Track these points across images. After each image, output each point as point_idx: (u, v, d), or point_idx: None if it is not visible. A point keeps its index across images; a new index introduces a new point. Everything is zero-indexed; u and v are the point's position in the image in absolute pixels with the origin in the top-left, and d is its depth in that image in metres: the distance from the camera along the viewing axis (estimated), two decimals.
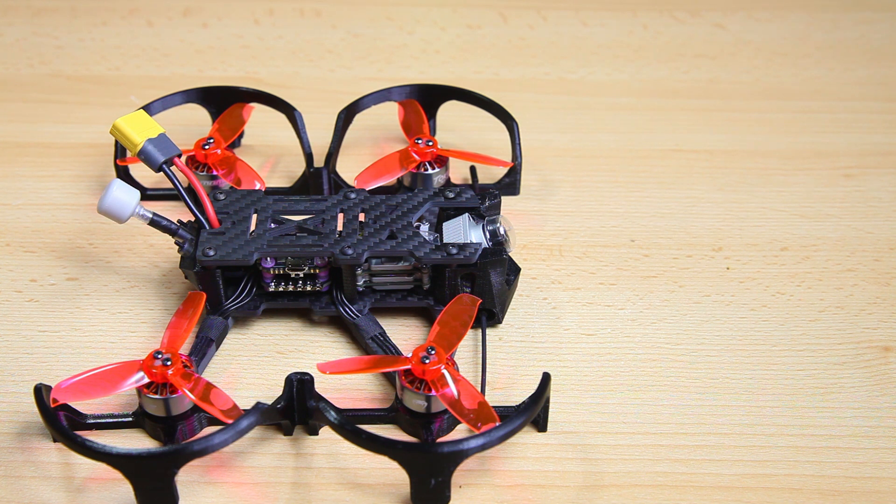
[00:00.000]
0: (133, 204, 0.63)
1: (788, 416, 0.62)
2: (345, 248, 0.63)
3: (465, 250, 0.63)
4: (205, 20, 0.94)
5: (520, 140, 0.74)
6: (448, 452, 0.55)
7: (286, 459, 0.59)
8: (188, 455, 0.54)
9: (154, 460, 0.54)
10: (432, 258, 0.63)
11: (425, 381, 0.59)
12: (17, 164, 0.78)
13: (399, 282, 0.66)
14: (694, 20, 0.95)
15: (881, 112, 0.85)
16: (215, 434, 0.54)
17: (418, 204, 0.66)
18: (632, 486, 0.58)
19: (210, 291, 0.64)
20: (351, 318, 0.65)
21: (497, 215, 0.66)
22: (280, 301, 0.66)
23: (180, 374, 0.59)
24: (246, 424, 0.55)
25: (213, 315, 0.65)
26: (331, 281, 0.65)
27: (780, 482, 0.59)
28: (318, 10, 0.95)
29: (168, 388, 0.59)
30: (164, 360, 0.59)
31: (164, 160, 0.65)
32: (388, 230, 0.64)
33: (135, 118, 0.66)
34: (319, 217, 0.65)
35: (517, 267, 0.67)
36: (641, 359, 0.65)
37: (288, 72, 0.88)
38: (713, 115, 0.84)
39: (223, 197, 0.66)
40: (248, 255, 0.63)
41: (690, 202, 0.76)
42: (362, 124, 0.78)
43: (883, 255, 0.72)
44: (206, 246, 0.63)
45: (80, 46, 0.90)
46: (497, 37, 0.93)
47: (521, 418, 0.55)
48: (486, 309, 0.66)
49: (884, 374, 0.64)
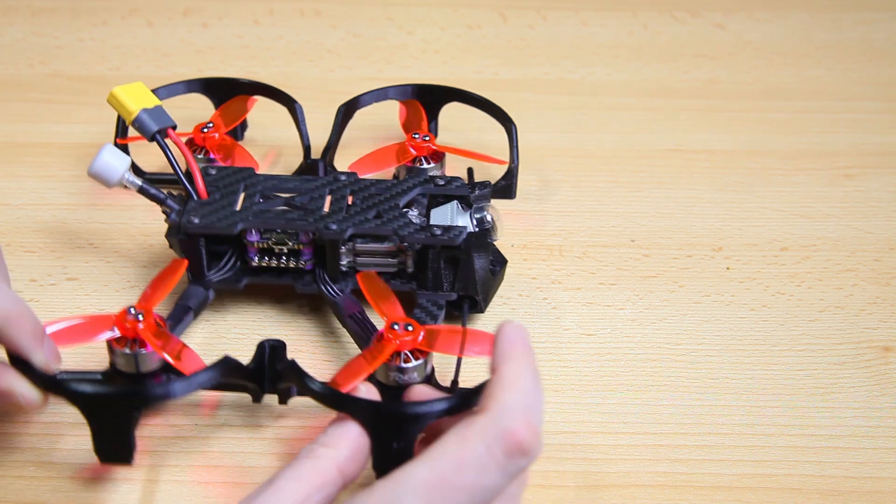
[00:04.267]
0: (122, 169, 0.63)
1: (788, 416, 0.62)
2: (329, 224, 0.63)
3: (450, 232, 0.63)
4: (205, 20, 0.93)
5: (518, 143, 0.74)
6: (411, 413, 0.53)
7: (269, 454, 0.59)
8: (149, 398, 0.53)
9: (113, 399, 0.53)
10: (416, 237, 0.63)
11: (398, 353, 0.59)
12: (17, 164, 0.78)
13: (383, 263, 0.65)
14: (694, 20, 0.95)
15: (881, 112, 0.85)
16: (178, 381, 0.53)
17: (407, 188, 0.66)
18: (632, 486, 0.58)
19: (193, 260, 0.64)
20: (332, 296, 0.65)
21: (486, 203, 0.66)
22: (263, 277, 0.66)
23: (152, 330, 0.59)
24: (210, 375, 0.54)
25: (195, 285, 0.65)
26: (315, 259, 0.65)
27: (780, 482, 0.59)
28: (318, 10, 0.95)
29: (138, 343, 0.59)
30: (137, 315, 0.59)
31: (158, 129, 0.65)
32: (375, 210, 0.64)
33: (134, 88, 0.67)
34: (308, 195, 0.65)
35: (504, 258, 0.67)
36: (641, 359, 0.65)
37: (288, 71, 0.88)
38: (713, 115, 0.84)
39: (214, 172, 0.67)
40: (232, 225, 0.63)
41: (690, 202, 0.76)
42: (361, 123, 0.78)
43: (883, 255, 0.72)
44: (192, 214, 0.63)
45: (80, 46, 0.90)
46: (497, 37, 0.93)
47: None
48: (469, 297, 0.65)
49: (884, 374, 0.64)
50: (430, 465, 0.47)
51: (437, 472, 0.46)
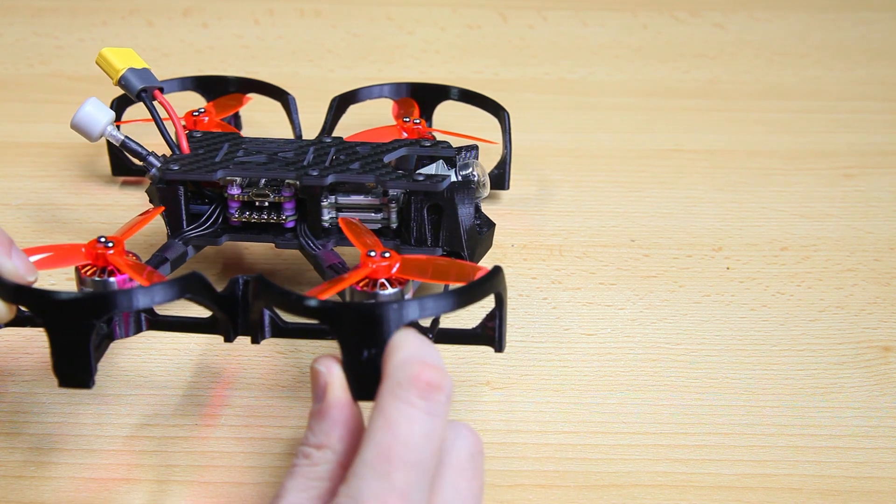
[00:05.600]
0: (104, 121, 0.63)
1: (788, 416, 0.62)
2: (309, 171, 0.63)
3: (433, 178, 0.63)
4: (205, 20, 0.94)
5: (510, 131, 0.73)
6: (379, 313, 0.49)
7: (267, 454, 0.59)
8: (106, 303, 0.51)
9: (73, 304, 0.51)
10: (397, 184, 0.63)
11: (375, 280, 0.57)
12: (17, 164, 0.78)
13: (366, 219, 0.65)
14: (694, 20, 0.95)
15: (881, 112, 0.85)
16: (139, 288, 0.51)
17: (393, 148, 0.66)
18: (632, 486, 0.58)
19: (172, 212, 0.64)
20: (312, 249, 0.64)
21: (472, 161, 0.65)
22: (243, 234, 0.65)
23: (121, 256, 0.58)
24: (175, 288, 0.52)
25: (173, 239, 0.65)
26: (297, 215, 0.65)
27: (780, 482, 0.59)
28: (318, 10, 0.95)
29: (107, 273, 0.58)
30: (106, 244, 0.58)
31: (142, 87, 0.65)
32: (358, 164, 0.64)
33: (123, 52, 0.67)
34: (291, 150, 0.65)
35: (491, 221, 0.67)
36: (641, 359, 0.65)
37: (288, 72, 0.88)
38: (713, 115, 0.84)
39: (199, 135, 0.67)
40: (211, 172, 0.63)
41: (690, 202, 0.76)
42: (358, 122, 0.78)
43: (883, 255, 0.72)
44: (172, 163, 0.63)
45: (80, 46, 0.90)
46: (497, 37, 0.93)
47: (469, 292, 0.52)
48: (454, 252, 0.64)
49: (884, 374, 0.64)
50: (368, 447, 0.47)
51: (377, 445, 0.47)
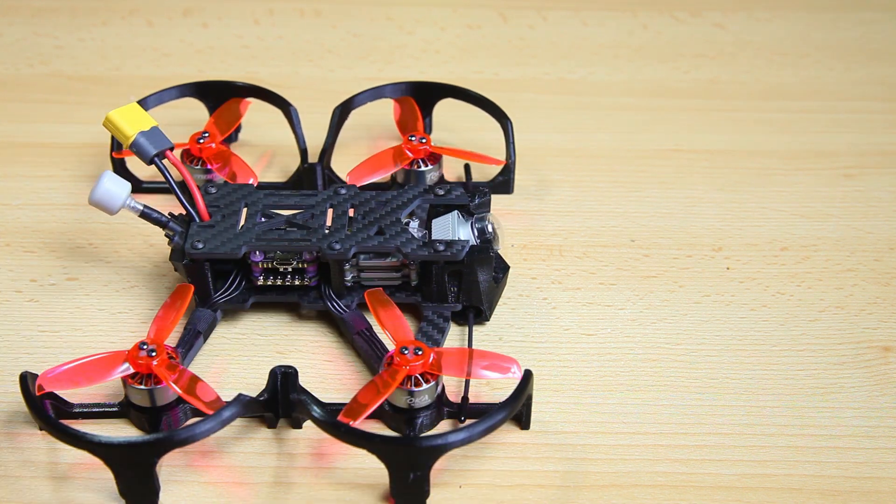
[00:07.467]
0: (123, 196, 0.63)
1: (788, 416, 0.62)
2: (332, 244, 0.63)
3: (452, 247, 0.63)
4: (205, 20, 0.94)
5: (514, 139, 0.74)
6: (426, 447, 0.55)
7: (269, 454, 0.60)
8: (169, 444, 0.54)
9: (135, 449, 0.54)
10: (419, 255, 0.63)
11: (410, 377, 0.59)
12: (17, 164, 0.78)
13: (387, 277, 0.66)
14: (694, 20, 0.95)
15: (881, 112, 0.85)
16: (197, 424, 0.54)
17: (408, 200, 0.66)
18: (632, 486, 0.58)
19: (199, 284, 0.65)
20: (339, 312, 0.65)
21: (486, 213, 0.66)
22: (268, 295, 0.66)
23: (165, 365, 0.59)
24: (228, 415, 0.55)
25: (202, 308, 0.65)
26: (319, 275, 0.65)
27: (780, 482, 0.59)
28: (318, 10, 0.95)
29: (153, 378, 0.59)
30: (150, 351, 0.59)
31: (156, 153, 0.65)
32: (376, 226, 0.64)
33: (128, 111, 0.66)
34: (309, 212, 0.65)
35: (506, 265, 0.67)
36: (641, 359, 0.65)
37: (288, 72, 0.88)
38: (713, 115, 0.84)
39: (214, 190, 0.67)
40: (236, 249, 0.63)
41: (690, 202, 0.76)
42: (358, 122, 0.78)
43: (883, 255, 0.72)
44: (195, 238, 0.63)
45: (80, 46, 0.90)
46: (497, 37, 0.93)
47: (502, 413, 0.55)
48: (474, 307, 0.66)
49: (884, 374, 0.64)
50: None
51: None
